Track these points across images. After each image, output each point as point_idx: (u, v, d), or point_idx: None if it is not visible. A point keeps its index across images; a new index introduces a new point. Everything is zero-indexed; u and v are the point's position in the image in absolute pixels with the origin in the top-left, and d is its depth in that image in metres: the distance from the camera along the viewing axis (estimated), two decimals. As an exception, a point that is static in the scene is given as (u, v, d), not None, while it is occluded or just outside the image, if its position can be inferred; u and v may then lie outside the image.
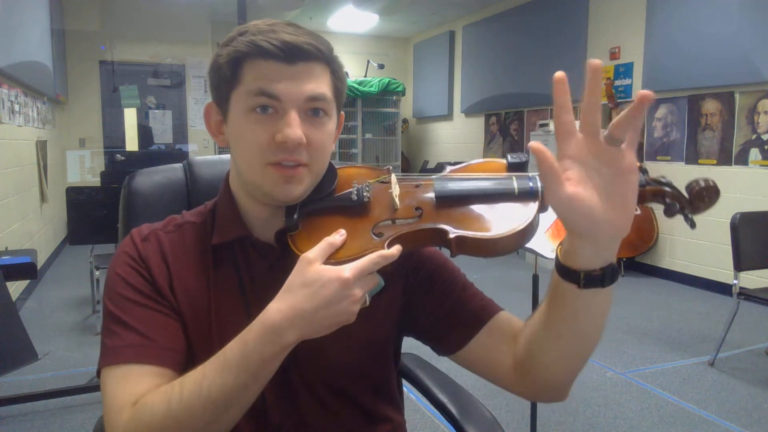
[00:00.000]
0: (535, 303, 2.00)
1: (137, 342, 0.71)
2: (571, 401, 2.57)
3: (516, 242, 0.69)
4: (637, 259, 5.06)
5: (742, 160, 4.20)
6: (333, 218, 0.74)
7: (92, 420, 2.27)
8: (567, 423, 2.38)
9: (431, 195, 0.73)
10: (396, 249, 0.67)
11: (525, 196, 0.71)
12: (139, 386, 0.69)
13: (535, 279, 1.97)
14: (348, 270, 0.64)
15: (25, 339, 1.77)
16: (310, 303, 0.63)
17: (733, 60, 4.11)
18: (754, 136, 4.13)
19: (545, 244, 1.68)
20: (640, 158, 4.97)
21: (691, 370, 2.93)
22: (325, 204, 0.75)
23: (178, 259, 0.78)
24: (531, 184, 0.72)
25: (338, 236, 0.68)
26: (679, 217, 0.69)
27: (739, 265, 2.83)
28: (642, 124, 0.58)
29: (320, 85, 0.72)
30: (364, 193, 0.74)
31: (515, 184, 0.72)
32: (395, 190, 0.74)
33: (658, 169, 4.82)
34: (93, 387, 2.55)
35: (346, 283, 0.63)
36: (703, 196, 0.67)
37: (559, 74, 0.57)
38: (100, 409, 0.70)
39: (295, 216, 0.73)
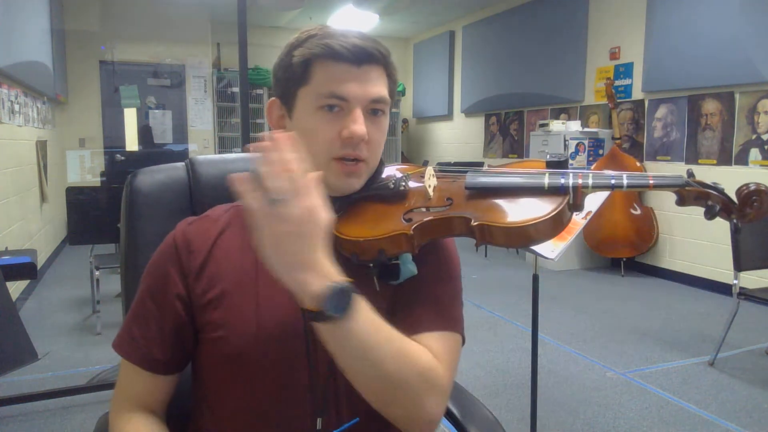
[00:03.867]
0: (535, 303, 1.99)
1: (130, 337, 0.81)
2: (571, 401, 2.57)
3: (540, 233, 0.71)
4: (637, 259, 5.05)
5: (742, 160, 4.20)
6: (371, 204, 0.80)
7: (92, 420, 2.26)
8: (567, 423, 2.38)
9: (463, 187, 0.78)
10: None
11: (554, 191, 0.73)
12: (133, 386, 0.81)
13: (535, 279, 1.97)
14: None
15: (25, 339, 1.76)
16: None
17: (733, 60, 4.11)
18: (754, 136, 4.13)
19: (545, 243, 1.68)
20: (640, 158, 4.97)
21: (691, 370, 2.93)
22: (367, 192, 0.81)
23: (230, 234, 0.83)
24: (563, 180, 0.73)
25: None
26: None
27: (739, 265, 2.83)
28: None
29: (381, 87, 0.80)
30: (401, 183, 0.80)
31: (546, 180, 0.74)
32: (431, 181, 0.80)
33: (658, 168, 4.82)
34: (93, 387, 2.55)
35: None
36: (753, 201, 0.62)
37: None
38: (101, 409, 0.71)
39: (339, 205, 0.78)
